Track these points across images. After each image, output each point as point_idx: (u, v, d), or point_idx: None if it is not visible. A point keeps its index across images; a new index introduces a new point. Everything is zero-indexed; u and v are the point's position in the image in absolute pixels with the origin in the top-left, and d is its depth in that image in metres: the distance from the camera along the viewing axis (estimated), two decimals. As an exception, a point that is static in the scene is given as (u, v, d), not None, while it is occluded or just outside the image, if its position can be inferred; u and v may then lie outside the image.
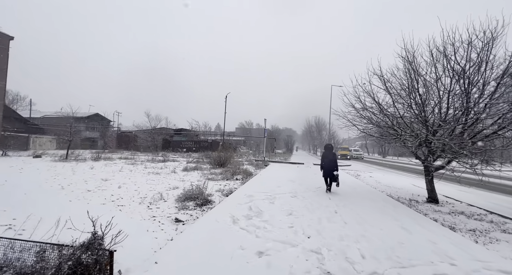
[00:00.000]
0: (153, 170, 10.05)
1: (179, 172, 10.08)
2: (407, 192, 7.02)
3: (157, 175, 8.73)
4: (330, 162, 6.49)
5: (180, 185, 6.94)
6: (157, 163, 13.64)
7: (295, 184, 7.27)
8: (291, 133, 62.72)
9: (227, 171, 10.20)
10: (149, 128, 26.49)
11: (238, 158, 20.67)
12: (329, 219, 3.91)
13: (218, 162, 12.21)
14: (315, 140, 37.56)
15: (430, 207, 5.35)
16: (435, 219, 4.31)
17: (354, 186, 7.42)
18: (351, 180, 8.77)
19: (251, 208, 4.38)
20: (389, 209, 4.75)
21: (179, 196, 5.20)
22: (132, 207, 4.42)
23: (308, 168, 13.76)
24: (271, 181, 7.74)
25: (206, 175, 9.24)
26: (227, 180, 8.37)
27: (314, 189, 6.65)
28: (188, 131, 30.61)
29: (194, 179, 8.26)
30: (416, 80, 5.54)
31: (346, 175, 10.31)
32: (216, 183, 7.53)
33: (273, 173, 10.35)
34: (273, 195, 5.56)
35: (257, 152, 29.36)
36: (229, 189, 6.52)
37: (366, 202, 5.35)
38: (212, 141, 27.52)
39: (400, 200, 5.94)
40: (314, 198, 5.52)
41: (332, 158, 6.61)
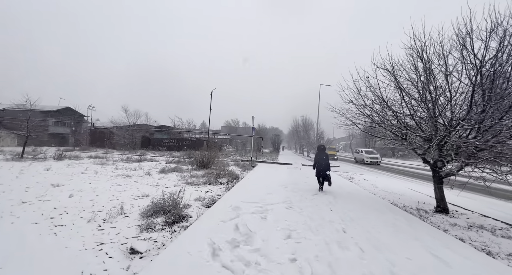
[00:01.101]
0: (124, 172, 8.70)
1: (154, 174, 8.81)
2: (410, 199, 6.39)
3: (127, 179, 7.43)
4: (323, 162, 6.71)
5: (152, 192, 5.77)
6: (132, 163, 12.18)
7: (288, 191, 6.37)
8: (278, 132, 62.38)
9: (211, 173, 9.11)
10: (127, 125, 24.48)
11: (224, 158, 19.52)
12: (339, 243, 3.02)
13: (201, 162, 11.05)
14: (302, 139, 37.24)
15: (443, 218, 4.68)
16: (460, 238, 3.59)
17: (352, 192, 6.68)
18: (347, 185, 8.05)
19: (238, 227, 3.38)
20: (403, 224, 3.97)
21: (146, 209, 4.07)
22: (75, 228, 3.24)
23: (297, 169, 13.00)
24: (261, 187, 6.78)
25: (186, 178, 8.09)
26: (210, 184, 7.29)
27: (310, 196, 5.79)
28: (171, 128, 28.84)
29: (171, 183, 7.09)
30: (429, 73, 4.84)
31: (340, 178, 9.63)
32: (196, 189, 6.43)
33: (262, 175, 9.40)
34: (265, 206, 4.60)
35: (244, 151, 28.35)
36: (211, 197, 5.47)
37: (373, 213, 4.56)
38: (196, 140, 26.07)
39: (407, 209, 5.25)
40: (313, 209, 4.63)
41: (324, 159, 6.78)
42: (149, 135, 26.13)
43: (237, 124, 67.99)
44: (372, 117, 6.26)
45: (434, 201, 6.13)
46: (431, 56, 4.92)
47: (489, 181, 3.85)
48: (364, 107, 6.37)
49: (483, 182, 3.88)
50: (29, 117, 12.20)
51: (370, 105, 6.26)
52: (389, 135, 6.09)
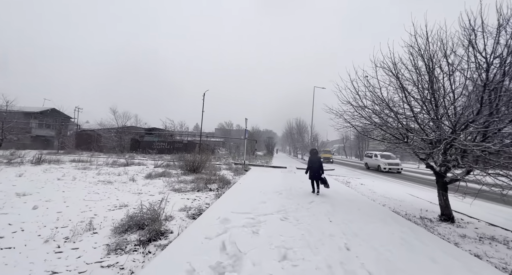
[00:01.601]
0: (105, 178, 8.04)
1: (139, 180, 8.19)
2: (411, 206, 6.04)
3: (107, 185, 6.80)
4: (316, 166, 6.79)
5: (132, 201, 5.19)
6: (117, 168, 11.46)
7: (283, 198, 5.90)
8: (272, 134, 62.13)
9: (200, 178, 8.56)
10: (115, 127, 23.54)
11: (216, 161, 18.93)
12: (343, 264, 2.57)
13: (191, 167, 10.47)
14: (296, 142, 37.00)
15: (450, 228, 4.31)
16: (475, 254, 3.20)
17: (351, 198, 6.27)
18: (344, 190, 7.66)
19: (225, 246, 2.89)
20: (411, 238, 3.57)
21: (120, 224, 3.52)
22: (26, 251, 2.67)
23: (292, 173, 12.58)
24: (253, 193, 6.29)
25: (173, 184, 7.51)
26: (199, 191, 6.75)
27: (307, 205, 5.34)
28: (162, 130, 28.00)
29: (156, 190, 6.51)
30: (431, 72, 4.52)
31: (337, 183, 9.24)
32: (183, 197, 5.89)
33: (255, 180, 8.92)
34: (257, 218, 4.11)
35: (237, 154, 27.81)
36: (198, 207, 4.94)
37: (376, 224, 4.15)
38: (188, 142, 25.35)
39: (411, 218, 4.87)
40: (310, 220, 4.18)
41: (318, 162, 6.84)
42: (138, 138, 25.24)
43: (230, 126, 67.38)
44: (371, 118, 5.92)
45: (436, 208, 5.80)
46: (433, 54, 4.61)
47: (507, 189, 3.50)
48: (363, 108, 6.03)
49: (501, 190, 3.53)
50: (4, 118, 11.31)
51: (369, 106, 5.92)
52: (389, 137, 5.74)
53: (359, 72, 5.89)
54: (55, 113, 27.39)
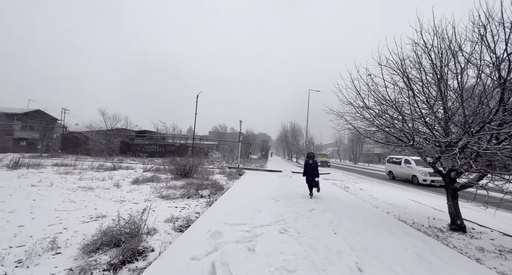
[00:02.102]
0: (87, 184, 7.38)
1: (125, 185, 7.57)
2: (416, 213, 5.67)
3: (87, 192, 6.17)
4: (312, 169, 6.89)
5: (113, 210, 4.61)
6: (103, 172, 10.75)
7: (281, 205, 5.43)
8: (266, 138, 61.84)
9: (191, 183, 8.00)
10: (104, 129, 22.63)
11: (209, 165, 18.32)
12: (359, 293, 2.11)
13: (182, 171, 9.88)
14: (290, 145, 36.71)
15: (464, 240, 3.94)
16: (502, 272, 2.81)
17: (353, 205, 5.86)
18: (344, 196, 7.25)
19: (215, 269, 2.39)
20: (428, 253, 3.16)
21: (91, 240, 2.97)
22: (-38, 281, 2.10)
23: (288, 177, 12.14)
24: (248, 201, 5.80)
25: (161, 190, 6.94)
26: (189, 198, 6.20)
27: (307, 213, 4.88)
28: (153, 133, 27.17)
29: (141, 197, 5.93)
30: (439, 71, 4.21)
31: (335, 188, 8.85)
32: (171, 205, 5.34)
33: (250, 186, 8.42)
34: (253, 230, 3.63)
35: (231, 157, 27.22)
36: (186, 217, 4.41)
37: (385, 236, 3.73)
38: (181, 145, 24.63)
39: (420, 227, 4.49)
40: (313, 232, 3.72)
41: (314, 166, 6.92)
42: (128, 141, 24.35)
43: (225, 129, 66.76)
44: (373, 120, 5.57)
45: (443, 215, 5.45)
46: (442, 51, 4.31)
47: None
48: (365, 109, 5.68)
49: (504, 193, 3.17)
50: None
51: (372, 106, 5.57)
52: (393, 140, 5.38)
53: (361, 71, 5.55)
54: (40, 115, 26.18)
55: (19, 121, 25.28)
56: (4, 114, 24.38)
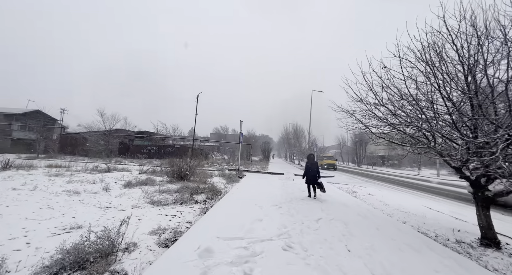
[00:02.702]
0: (74, 187, 6.85)
1: (115, 189, 7.03)
2: (438, 223, 5.04)
3: (71, 197, 5.63)
4: (313, 171, 6.90)
5: (93, 219, 4.06)
6: (96, 174, 10.24)
7: (284, 214, 4.84)
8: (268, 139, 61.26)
9: (187, 187, 7.44)
10: (103, 130, 22.21)
11: (209, 166, 17.76)
12: None
13: (178, 173, 9.33)
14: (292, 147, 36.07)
15: (502, 259, 3.32)
16: None
17: (364, 214, 5.24)
18: (353, 202, 6.64)
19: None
20: (466, 278, 2.55)
21: (53, 260, 2.41)
22: None
23: (290, 181, 11.53)
24: (247, 208, 5.22)
25: (153, 194, 6.39)
26: (182, 204, 5.63)
27: (314, 224, 4.29)
28: (153, 134, 26.71)
29: (130, 203, 5.38)
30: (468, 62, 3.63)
31: (342, 193, 8.22)
32: (160, 212, 4.78)
33: (250, 190, 7.83)
34: (251, 247, 3.04)
35: (232, 159, 26.65)
36: (175, 228, 3.84)
37: (407, 253, 3.13)
38: (180, 146, 24.13)
39: (445, 242, 3.87)
40: (322, 249, 3.13)
41: (315, 167, 6.93)
42: (127, 142, 23.90)
43: (226, 131, 66.34)
44: (386, 119, 4.98)
45: (467, 226, 4.83)
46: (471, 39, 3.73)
47: None
48: (377, 106, 5.10)
49: None
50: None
51: (386, 103, 4.98)
52: (409, 141, 4.78)
53: (374, 64, 4.96)
54: (39, 115, 25.88)
55: (17, 121, 24.98)
56: (3, 114, 24.11)
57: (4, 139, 23.60)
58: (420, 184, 14.19)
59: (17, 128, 25.09)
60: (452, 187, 12.68)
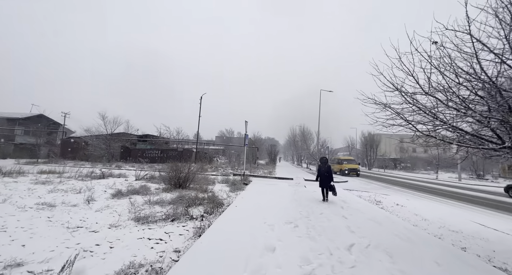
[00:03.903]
0: (54, 198, 5.91)
1: (101, 200, 6.05)
2: (510, 249, 3.78)
3: (41, 212, 4.66)
4: (326, 174, 6.93)
5: (47, 249, 3.02)
6: (88, 181, 9.34)
7: (303, 237, 3.69)
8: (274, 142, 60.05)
9: (183, 197, 6.39)
10: (104, 133, 21.58)
11: (212, 171, 16.74)
12: None
13: (176, 180, 8.30)
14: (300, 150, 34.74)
15: None
16: None
17: (405, 235, 4.03)
18: (383, 216, 5.41)
19: None
20: None
21: None
22: None
23: (302, 187, 10.34)
24: (254, 229, 4.10)
25: (143, 207, 5.37)
26: (174, 220, 4.56)
27: (346, 254, 3.12)
28: (156, 137, 25.98)
29: (110, 220, 4.35)
30: None
31: (364, 203, 6.98)
32: (144, 234, 3.72)
33: (256, 200, 6.71)
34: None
35: (237, 163, 25.58)
36: (154, 261, 2.76)
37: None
38: (184, 150, 23.25)
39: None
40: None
41: (327, 171, 6.97)
42: (129, 145, 23.20)
43: (231, 134, 65.48)
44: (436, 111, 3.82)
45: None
46: None
47: None
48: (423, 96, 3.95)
49: None
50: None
51: (432, 92, 3.83)
52: (473, 140, 3.59)
53: (418, 40, 3.82)
54: (42, 119, 25.57)
55: (20, 126, 24.71)
56: (6, 119, 23.88)
57: (7, 144, 23.30)
58: (445, 190, 12.72)
59: (20, 133, 24.81)
60: (485, 194, 11.20)
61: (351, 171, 20.03)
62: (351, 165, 20.88)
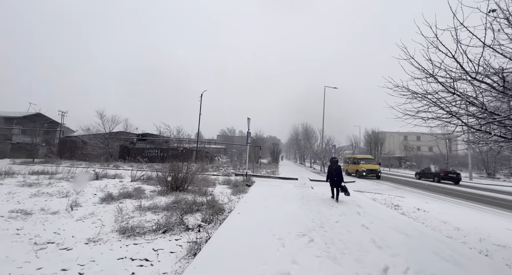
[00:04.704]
0: (33, 203, 5.28)
1: (87, 205, 5.40)
2: None
3: (13, 223, 4.01)
4: (336, 174, 7.00)
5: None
6: (78, 183, 8.70)
7: (322, 257, 2.98)
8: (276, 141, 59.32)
9: (180, 201, 5.72)
10: (102, 132, 20.99)
11: (214, 170, 16.07)
12: None
13: (173, 182, 7.63)
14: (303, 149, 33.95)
15: None
16: None
17: (447, 253, 3.30)
18: (405, 223, 4.69)
19: None
20: None
21: None
22: None
23: (308, 188, 9.63)
24: (260, 244, 3.40)
25: (132, 214, 4.70)
26: (166, 232, 3.88)
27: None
28: (155, 136, 25.36)
29: (89, 233, 3.68)
30: None
31: (381, 207, 6.24)
32: (126, 252, 3.03)
33: (261, 206, 6.01)
34: None
35: (239, 162, 24.90)
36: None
37: None
38: (184, 149, 22.61)
39: None
40: None
41: (337, 171, 7.02)
42: (128, 145, 22.60)
43: (233, 133, 64.83)
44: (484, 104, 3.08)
45: None
46: None
47: None
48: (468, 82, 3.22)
49: None
50: None
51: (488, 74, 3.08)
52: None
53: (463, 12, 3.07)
54: (41, 118, 25.04)
55: (18, 125, 24.21)
56: (3, 118, 23.38)
57: (4, 144, 22.81)
58: (462, 190, 11.93)
59: (18, 132, 24.31)
60: (507, 196, 10.41)
61: (370, 173, 16.91)
62: (369, 165, 17.64)
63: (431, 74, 3.57)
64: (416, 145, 53.13)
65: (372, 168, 17.08)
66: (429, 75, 3.57)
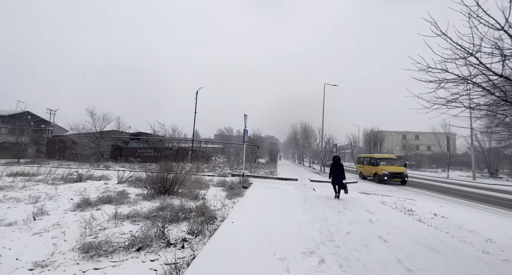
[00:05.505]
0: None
1: (57, 212, 4.65)
2: None
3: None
4: (339, 172, 7.31)
5: None
6: (60, 185, 7.94)
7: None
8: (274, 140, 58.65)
9: (166, 207, 4.96)
10: (93, 131, 20.07)
11: (209, 171, 15.30)
12: None
13: (162, 185, 6.86)
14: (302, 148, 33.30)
15: None
16: None
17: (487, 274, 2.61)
18: (427, 234, 4.00)
19: None
20: None
21: None
22: None
23: (310, 190, 8.93)
24: (257, 261, 2.66)
25: (105, 225, 3.94)
26: (140, 250, 3.12)
27: None
28: (149, 135, 24.48)
29: (40, 254, 2.90)
30: None
31: (396, 214, 5.54)
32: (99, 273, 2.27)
33: (259, 212, 5.28)
34: None
35: (236, 162, 24.15)
36: None
37: None
38: (179, 149, 21.79)
39: None
40: None
41: (340, 169, 7.32)
42: (121, 144, 21.71)
43: (230, 132, 64.02)
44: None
45: None
46: None
47: None
48: None
49: None
50: None
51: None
52: None
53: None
54: (30, 117, 24.00)
55: (5, 124, 23.17)
56: (-12, 116, 22.32)
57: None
58: (472, 192, 11.33)
59: (5, 131, 23.27)
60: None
61: (394, 177, 13.07)
62: (393, 167, 13.65)
63: (470, 53, 2.87)
64: (415, 144, 52.91)
65: (396, 171, 13.21)
66: (469, 54, 2.86)
